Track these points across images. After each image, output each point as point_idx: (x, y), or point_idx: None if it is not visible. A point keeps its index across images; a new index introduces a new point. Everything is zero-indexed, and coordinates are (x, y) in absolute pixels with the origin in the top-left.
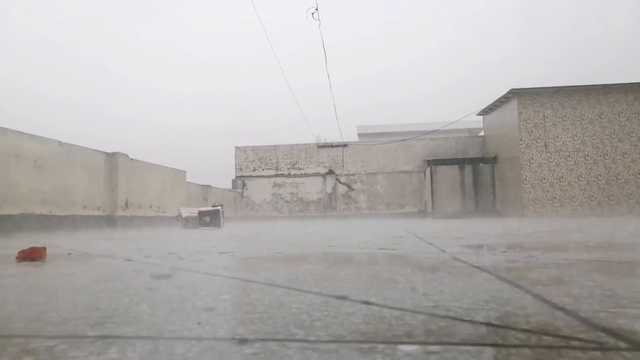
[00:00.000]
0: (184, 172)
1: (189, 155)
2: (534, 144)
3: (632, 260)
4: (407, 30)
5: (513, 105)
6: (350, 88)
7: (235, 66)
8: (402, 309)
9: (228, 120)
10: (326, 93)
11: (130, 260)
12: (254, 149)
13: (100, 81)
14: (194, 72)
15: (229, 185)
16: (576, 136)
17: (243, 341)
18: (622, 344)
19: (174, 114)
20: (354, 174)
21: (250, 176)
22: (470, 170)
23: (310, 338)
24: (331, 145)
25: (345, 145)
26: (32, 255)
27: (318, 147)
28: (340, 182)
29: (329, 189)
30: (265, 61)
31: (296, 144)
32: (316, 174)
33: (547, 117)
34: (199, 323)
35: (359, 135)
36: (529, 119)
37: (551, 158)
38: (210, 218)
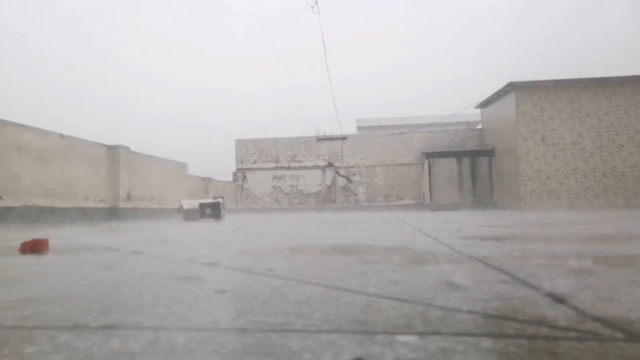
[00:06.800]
0: (185, 164)
1: (190, 148)
2: (531, 136)
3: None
4: (406, 24)
5: (511, 99)
6: (349, 81)
7: (236, 61)
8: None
9: (229, 113)
10: (326, 87)
11: (134, 252)
12: (254, 141)
13: (101, 74)
14: (195, 65)
15: (230, 178)
16: (573, 129)
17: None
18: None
19: (174, 107)
20: (353, 167)
21: (250, 169)
22: (468, 162)
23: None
24: (330, 138)
25: (344, 138)
26: (35, 247)
27: (317, 140)
28: (340, 175)
29: (328, 182)
30: (265, 55)
31: (296, 137)
32: (316, 167)
33: (545, 110)
34: (199, 315)
35: (358, 128)
36: (527, 112)
37: (548, 151)
38: (211, 210)
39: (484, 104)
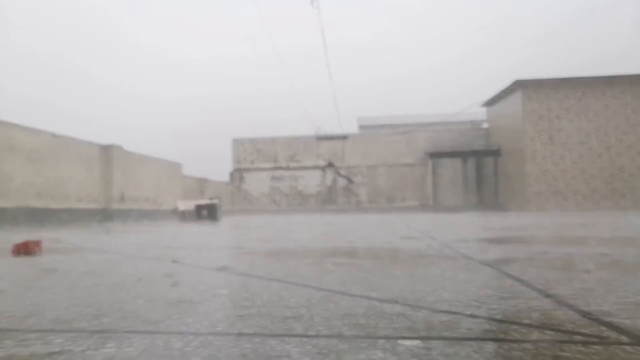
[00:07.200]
0: (180, 164)
1: (186, 148)
2: (538, 136)
3: None
4: (409, 21)
5: (517, 97)
6: (350, 81)
7: (233, 60)
8: None
9: (227, 113)
10: (326, 85)
11: (126, 255)
12: (252, 141)
13: (99, 69)
14: (194, 63)
15: (226, 178)
16: (581, 128)
17: None
18: None
19: (170, 105)
20: (354, 167)
21: (248, 169)
22: (473, 163)
23: None
24: (331, 137)
25: (345, 137)
26: (27, 249)
27: (317, 139)
28: (340, 175)
29: (328, 182)
30: (263, 53)
31: (295, 136)
32: (315, 167)
33: (552, 109)
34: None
35: (360, 127)
36: (534, 111)
37: (555, 151)
38: (208, 211)
39: (490, 102)
